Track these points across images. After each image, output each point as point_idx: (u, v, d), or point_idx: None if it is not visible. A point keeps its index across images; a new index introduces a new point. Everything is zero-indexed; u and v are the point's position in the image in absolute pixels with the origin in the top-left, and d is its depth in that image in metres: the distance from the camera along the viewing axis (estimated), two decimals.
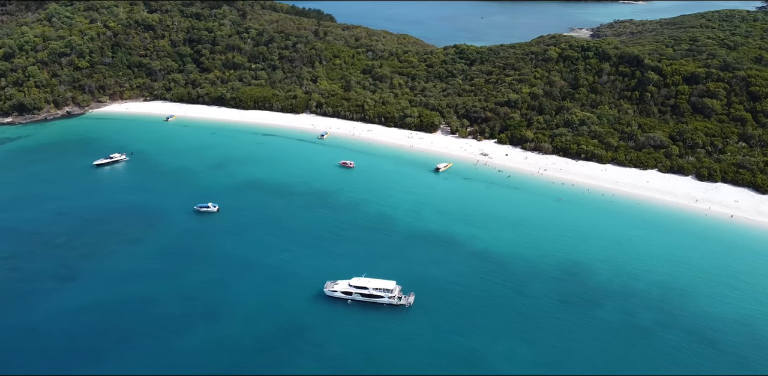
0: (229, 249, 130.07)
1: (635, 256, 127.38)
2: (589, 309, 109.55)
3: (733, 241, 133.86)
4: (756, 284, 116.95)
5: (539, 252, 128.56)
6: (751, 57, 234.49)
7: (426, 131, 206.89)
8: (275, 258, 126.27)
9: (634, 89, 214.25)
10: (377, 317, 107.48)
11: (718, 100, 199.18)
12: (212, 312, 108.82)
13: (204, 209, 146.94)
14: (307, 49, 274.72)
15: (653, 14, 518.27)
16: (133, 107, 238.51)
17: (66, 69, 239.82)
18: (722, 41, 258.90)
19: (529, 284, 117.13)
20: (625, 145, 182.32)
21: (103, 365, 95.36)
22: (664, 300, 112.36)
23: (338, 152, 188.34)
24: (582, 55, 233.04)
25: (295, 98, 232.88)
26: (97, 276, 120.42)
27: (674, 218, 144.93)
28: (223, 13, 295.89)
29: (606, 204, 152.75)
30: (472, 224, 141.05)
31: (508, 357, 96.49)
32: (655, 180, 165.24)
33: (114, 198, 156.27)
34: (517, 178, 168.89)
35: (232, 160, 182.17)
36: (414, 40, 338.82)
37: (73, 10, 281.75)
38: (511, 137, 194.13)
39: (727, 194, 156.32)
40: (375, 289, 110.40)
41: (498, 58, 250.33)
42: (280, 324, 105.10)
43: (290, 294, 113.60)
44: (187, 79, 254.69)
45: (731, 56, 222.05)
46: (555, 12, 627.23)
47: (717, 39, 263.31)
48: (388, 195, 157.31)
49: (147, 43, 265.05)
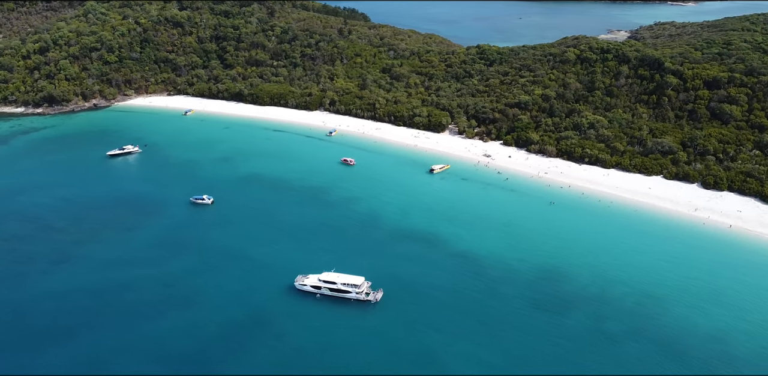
0: (215, 240, 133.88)
1: (619, 263, 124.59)
2: (558, 315, 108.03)
3: (726, 252, 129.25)
4: (740, 298, 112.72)
5: (520, 255, 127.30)
6: None
7: (434, 131, 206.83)
8: (257, 250, 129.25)
9: (651, 93, 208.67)
10: (342, 312, 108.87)
11: (738, 106, 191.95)
12: (186, 300, 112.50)
13: (199, 200, 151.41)
14: (330, 48, 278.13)
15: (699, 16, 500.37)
16: (156, 101, 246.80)
17: (95, 63, 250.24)
18: (758, 45, 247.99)
19: (503, 287, 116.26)
20: (632, 150, 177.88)
21: (74, 344, 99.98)
22: (638, 309, 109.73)
23: (342, 150, 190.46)
24: (600, 58, 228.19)
25: (310, 96, 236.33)
26: (86, 261, 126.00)
27: (669, 226, 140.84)
28: (252, 11, 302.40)
29: (601, 209, 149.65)
30: (459, 225, 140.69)
31: (462, 358, 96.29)
32: (658, 187, 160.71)
33: (118, 187, 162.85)
34: (515, 180, 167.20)
35: (238, 155, 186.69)
36: (440, 40, 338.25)
37: (108, 7, 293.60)
38: (516, 139, 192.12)
39: (731, 203, 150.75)
40: (343, 284, 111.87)
41: (516, 59, 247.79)
42: (247, 314, 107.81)
43: (263, 286, 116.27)
44: (210, 75, 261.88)
45: (760, 61, 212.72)
46: (597, 13, 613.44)
47: (753, 43, 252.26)
48: (382, 193, 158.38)
49: (174, 40, 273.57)
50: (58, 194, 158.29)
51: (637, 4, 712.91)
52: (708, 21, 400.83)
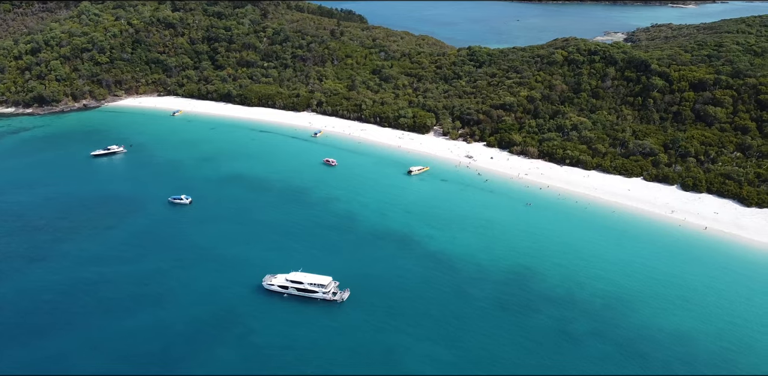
0: (190, 239, 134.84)
1: (590, 263, 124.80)
2: (524, 315, 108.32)
3: (699, 253, 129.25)
4: (706, 299, 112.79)
5: (492, 255, 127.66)
6: None
7: (418, 132, 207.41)
8: (230, 250, 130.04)
9: (637, 95, 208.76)
10: (307, 312, 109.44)
11: (723, 108, 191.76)
12: (156, 298, 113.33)
13: (177, 200, 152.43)
14: (321, 49, 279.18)
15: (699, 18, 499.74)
16: (146, 102, 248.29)
17: (86, 64, 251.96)
18: (750, 47, 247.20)
19: (472, 287, 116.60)
20: (614, 152, 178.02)
21: (39, 342, 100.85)
22: (605, 309, 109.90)
23: (326, 150, 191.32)
24: (588, 59, 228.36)
25: (298, 97, 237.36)
26: (62, 259, 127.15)
27: (645, 228, 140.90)
28: (245, 13, 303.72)
29: (577, 211, 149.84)
30: (434, 226, 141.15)
31: (422, 358, 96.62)
32: (638, 188, 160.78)
33: (99, 187, 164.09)
34: (494, 181, 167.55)
35: (222, 155, 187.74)
36: (433, 41, 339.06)
37: (102, 8, 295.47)
38: (500, 140, 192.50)
39: (709, 205, 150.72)
40: (310, 284, 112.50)
41: (504, 61, 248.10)
42: (214, 313, 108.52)
43: (233, 285, 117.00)
44: (200, 75, 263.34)
45: (747, 63, 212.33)
46: (596, 15, 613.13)
47: (745, 44, 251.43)
48: (361, 194, 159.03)
49: (166, 41, 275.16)
50: (40, 193, 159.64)
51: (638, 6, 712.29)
52: (705, 23, 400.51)
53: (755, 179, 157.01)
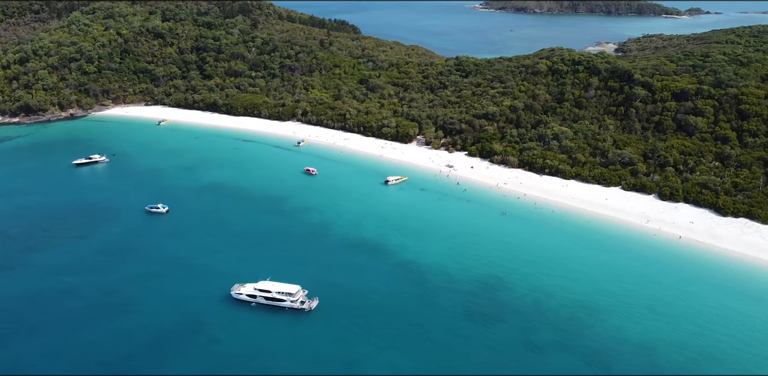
0: (163, 248, 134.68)
1: (561, 273, 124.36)
2: (490, 325, 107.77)
3: (671, 263, 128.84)
4: (675, 309, 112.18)
5: (463, 265, 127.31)
6: (762, 74, 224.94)
7: (401, 142, 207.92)
8: (203, 259, 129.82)
9: (620, 104, 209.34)
10: (274, 320, 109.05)
11: (704, 117, 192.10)
12: (122, 307, 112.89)
13: (154, 209, 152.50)
14: (309, 59, 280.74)
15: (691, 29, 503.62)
16: (133, 111, 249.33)
17: (74, 73, 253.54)
18: (736, 57, 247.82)
19: (440, 297, 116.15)
20: (593, 161, 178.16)
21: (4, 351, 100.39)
22: (572, 320, 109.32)
23: (307, 160, 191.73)
24: (572, 69, 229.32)
25: (283, 106, 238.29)
26: (32, 268, 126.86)
27: (619, 237, 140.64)
28: (234, 23, 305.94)
29: (553, 220, 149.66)
30: (408, 235, 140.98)
31: (385, 368, 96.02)
32: (615, 198, 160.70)
33: (77, 196, 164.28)
34: (473, 190, 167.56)
35: (203, 164, 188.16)
36: (423, 51, 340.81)
37: (93, 18, 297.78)
38: (481, 150, 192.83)
39: (685, 214, 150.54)
40: (278, 292, 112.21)
41: (490, 71, 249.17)
42: (180, 322, 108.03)
43: (202, 294, 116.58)
44: (188, 85, 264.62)
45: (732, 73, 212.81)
46: (590, 25, 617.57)
47: (732, 55, 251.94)
48: (338, 203, 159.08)
49: (155, 50, 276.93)
50: (17, 202, 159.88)
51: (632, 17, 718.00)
52: (696, 33, 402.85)
53: (732, 189, 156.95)
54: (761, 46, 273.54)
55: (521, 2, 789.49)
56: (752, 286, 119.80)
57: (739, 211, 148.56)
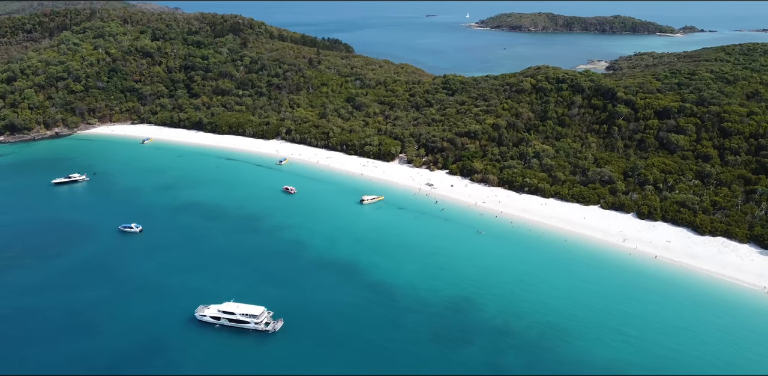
0: (133, 269, 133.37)
1: (533, 294, 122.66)
2: (456, 347, 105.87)
3: (645, 283, 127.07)
4: (646, 331, 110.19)
5: (434, 285, 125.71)
6: (747, 92, 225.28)
7: (383, 160, 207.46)
8: (171, 279, 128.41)
9: (603, 122, 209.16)
10: (237, 343, 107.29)
11: (686, 135, 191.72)
12: (86, 328, 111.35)
13: (127, 229, 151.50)
14: (297, 77, 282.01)
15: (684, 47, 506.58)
16: (118, 130, 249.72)
17: (61, 92, 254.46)
18: (722, 75, 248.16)
19: (408, 318, 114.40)
20: (573, 180, 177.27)
21: None
22: (540, 341, 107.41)
23: (288, 178, 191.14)
24: (556, 87, 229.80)
25: (268, 124, 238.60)
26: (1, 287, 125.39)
27: (594, 257, 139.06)
28: (224, 42, 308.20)
29: (529, 239, 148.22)
30: (382, 254, 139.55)
31: None
32: (593, 217, 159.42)
33: (53, 215, 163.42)
34: (451, 209, 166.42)
35: (183, 183, 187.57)
36: (412, 70, 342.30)
37: (83, 38, 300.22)
38: (462, 168, 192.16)
39: (662, 233, 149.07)
40: (242, 314, 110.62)
41: (475, 89, 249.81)
42: (141, 344, 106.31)
43: (167, 315, 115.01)
44: (174, 104, 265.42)
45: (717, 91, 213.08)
46: (584, 43, 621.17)
47: (719, 73, 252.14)
48: (314, 222, 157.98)
49: (143, 69, 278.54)
50: None
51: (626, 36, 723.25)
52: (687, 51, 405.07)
53: (710, 207, 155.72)
54: (750, 64, 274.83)
55: (516, 21, 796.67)
56: (725, 307, 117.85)
57: (717, 230, 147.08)
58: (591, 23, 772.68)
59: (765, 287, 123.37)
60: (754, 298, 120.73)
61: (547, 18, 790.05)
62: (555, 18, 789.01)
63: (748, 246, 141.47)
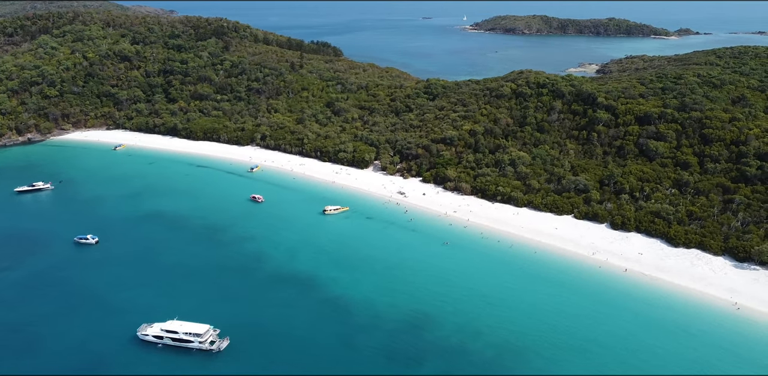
0: (83, 283, 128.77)
1: (495, 309, 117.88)
2: (409, 367, 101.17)
3: (612, 297, 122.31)
4: (608, 349, 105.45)
5: (393, 300, 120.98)
6: (732, 97, 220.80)
7: (357, 167, 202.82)
8: (122, 295, 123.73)
9: (582, 128, 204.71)
10: (178, 363, 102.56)
11: (666, 142, 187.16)
12: (25, 346, 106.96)
13: (83, 240, 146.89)
14: (277, 82, 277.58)
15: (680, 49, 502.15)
16: (92, 136, 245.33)
17: (35, 97, 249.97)
18: (709, 79, 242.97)
19: (362, 336, 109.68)
20: (548, 188, 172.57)
21: None
22: (496, 361, 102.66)
23: (257, 186, 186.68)
24: (536, 92, 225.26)
25: (243, 130, 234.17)
26: None
27: (563, 270, 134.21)
28: (206, 46, 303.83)
29: (497, 251, 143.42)
30: (343, 268, 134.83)
31: None
32: (566, 227, 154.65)
33: (11, 225, 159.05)
34: (420, 219, 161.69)
35: (149, 191, 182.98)
36: (397, 73, 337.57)
37: (62, 41, 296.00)
38: (435, 176, 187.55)
39: (635, 245, 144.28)
40: (185, 333, 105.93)
41: (456, 94, 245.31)
42: (78, 365, 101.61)
43: (109, 334, 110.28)
44: (151, 109, 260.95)
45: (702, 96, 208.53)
46: (577, 46, 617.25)
47: (706, 77, 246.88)
48: (278, 233, 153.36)
49: (120, 74, 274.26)
50: None
51: (621, 38, 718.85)
52: (678, 54, 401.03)
53: (686, 218, 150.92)
54: (739, 68, 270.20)
55: (511, 23, 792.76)
56: (693, 324, 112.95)
57: (691, 241, 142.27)
58: (585, 26, 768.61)
59: (736, 304, 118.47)
60: (723, 315, 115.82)
61: (542, 20, 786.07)
62: (549, 20, 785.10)
63: (722, 259, 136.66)
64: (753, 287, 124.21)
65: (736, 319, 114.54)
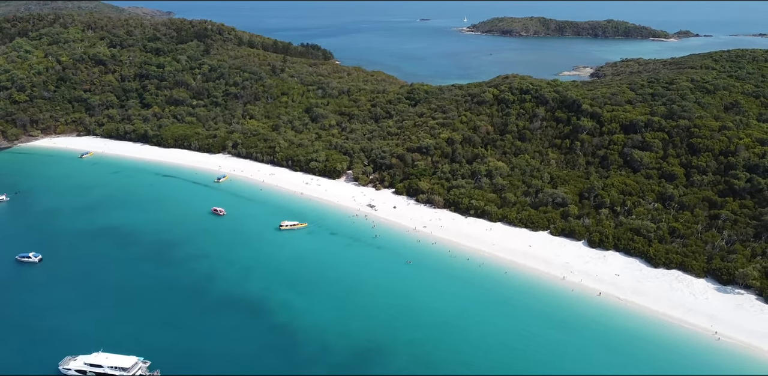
0: (15, 306, 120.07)
1: (452, 339, 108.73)
2: None
3: (583, 325, 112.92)
4: None
5: (346, 328, 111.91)
6: (726, 103, 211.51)
7: (329, 177, 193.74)
8: (53, 321, 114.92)
9: (566, 137, 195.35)
10: None
11: (652, 152, 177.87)
12: None
13: (25, 258, 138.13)
14: (256, 86, 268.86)
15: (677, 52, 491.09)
16: (61, 142, 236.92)
17: (2, 102, 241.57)
18: (702, 84, 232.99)
19: (307, 370, 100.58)
20: (524, 201, 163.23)
21: None
22: None
23: (221, 198, 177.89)
24: (518, 99, 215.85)
25: (215, 137, 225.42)
26: None
27: (533, 293, 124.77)
28: (185, 49, 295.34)
29: (464, 271, 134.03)
30: (297, 290, 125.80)
31: None
32: (540, 244, 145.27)
33: None
34: (387, 235, 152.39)
35: (108, 203, 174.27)
36: (383, 77, 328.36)
37: (37, 44, 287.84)
38: (408, 187, 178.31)
39: (612, 264, 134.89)
40: (110, 367, 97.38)
41: (437, 100, 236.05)
42: None
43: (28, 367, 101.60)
44: (124, 114, 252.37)
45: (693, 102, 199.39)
46: (574, 49, 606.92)
47: (699, 82, 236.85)
48: (234, 250, 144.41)
49: (94, 78, 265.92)
50: None
51: (619, 40, 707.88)
52: (674, 58, 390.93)
53: (668, 235, 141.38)
54: (735, 72, 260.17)
55: (508, 25, 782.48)
56: (668, 357, 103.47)
57: (672, 261, 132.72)
58: (583, 28, 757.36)
59: (716, 333, 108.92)
60: (702, 346, 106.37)
61: (539, 22, 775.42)
62: (547, 22, 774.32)
63: (704, 281, 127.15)
64: (736, 314, 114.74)
65: (716, 351, 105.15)
